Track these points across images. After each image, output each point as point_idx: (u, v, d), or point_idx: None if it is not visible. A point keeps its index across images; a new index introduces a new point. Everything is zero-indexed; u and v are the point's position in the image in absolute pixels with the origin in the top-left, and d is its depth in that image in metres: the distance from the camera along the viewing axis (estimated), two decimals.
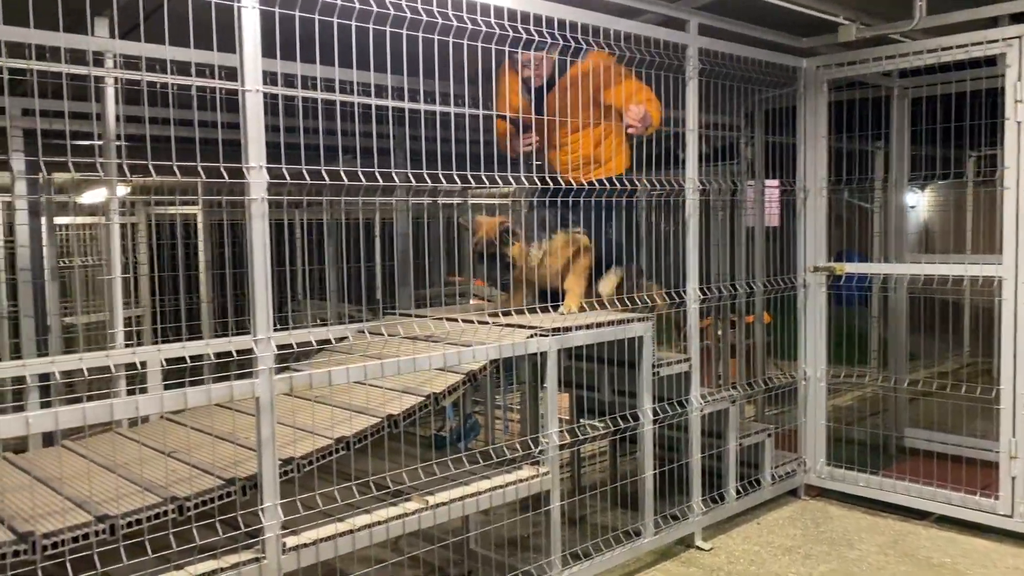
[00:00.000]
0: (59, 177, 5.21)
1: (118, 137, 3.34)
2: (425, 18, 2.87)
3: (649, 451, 3.82)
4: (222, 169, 2.46)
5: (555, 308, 3.75)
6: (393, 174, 3.12)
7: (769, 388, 4.80)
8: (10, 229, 5.32)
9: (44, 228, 4.63)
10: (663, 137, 4.07)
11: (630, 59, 3.61)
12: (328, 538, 2.68)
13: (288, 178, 2.55)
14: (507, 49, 3.18)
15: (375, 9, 2.72)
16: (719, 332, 6.11)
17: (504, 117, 4.04)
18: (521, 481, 3.27)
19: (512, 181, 3.51)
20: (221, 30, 2.45)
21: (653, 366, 3.82)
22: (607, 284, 3.89)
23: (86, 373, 2.31)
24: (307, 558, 2.63)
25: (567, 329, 3.47)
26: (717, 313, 6.06)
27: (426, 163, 2.96)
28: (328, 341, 3.68)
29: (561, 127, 3.90)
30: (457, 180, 3.04)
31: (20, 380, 2.93)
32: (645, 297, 3.85)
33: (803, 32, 4.57)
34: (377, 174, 2.79)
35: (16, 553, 2.10)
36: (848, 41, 4.37)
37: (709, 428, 4.24)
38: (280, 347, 2.67)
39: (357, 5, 2.70)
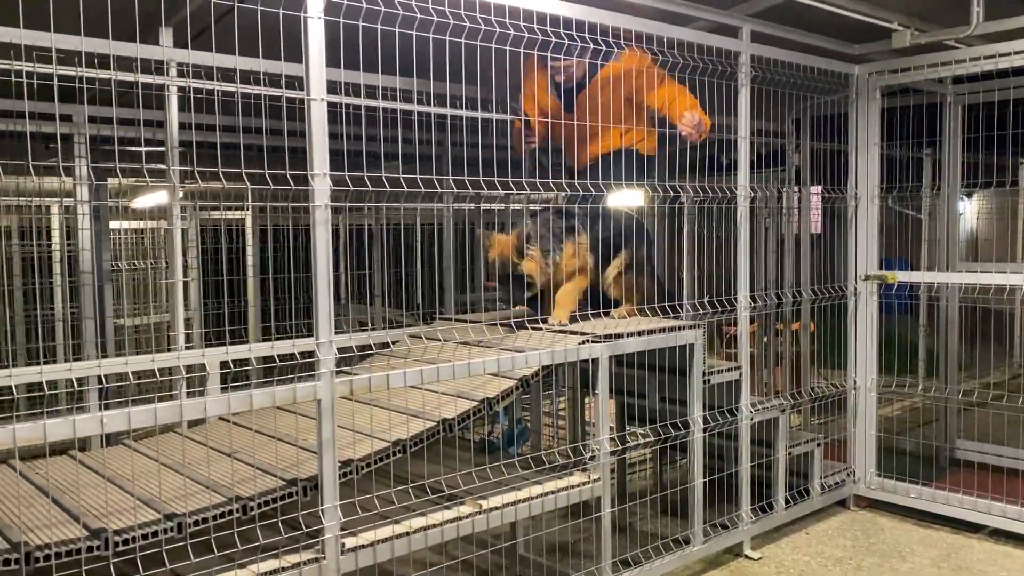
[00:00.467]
0: (114, 182, 5.35)
1: (181, 144, 3.43)
2: (470, 25, 2.90)
3: (699, 459, 3.81)
4: (288, 177, 2.51)
5: (606, 314, 3.77)
6: (440, 179, 3.16)
7: (820, 397, 4.76)
8: (68, 233, 5.46)
9: (96, 232, 4.72)
10: (708, 143, 4.07)
11: (682, 66, 3.61)
12: (385, 540, 2.71)
13: (351, 185, 2.60)
14: (554, 55, 3.20)
15: (418, 16, 2.76)
16: (764, 339, 6.07)
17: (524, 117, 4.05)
18: (572, 487, 3.28)
19: (554, 187, 3.54)
20: (270, 38, 2.49)
21: (704, 373, 3.81)
22: (610, 271, 3.92)
23: (157, 374, 2.37)
24: (365, 559, 2.67)
25: (619, 335, 3.48)
26: (763, 321, 6.03)
27: (473, 169, 2.99)
28: (384, 345, 3.73)
29: (592, 122, 3.82)
30: (499, 187, 3.07)
31: (73, 383, 3.00)
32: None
33: (855, 38, 4.54)
34: (421, 180, 2.83)
35: (90, 549, 2.17)
36: (902, 47, 4.33)
37: (758, 437, 4.21)
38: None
39: (401, 13, 2.74)
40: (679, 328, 3.70)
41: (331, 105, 2.95)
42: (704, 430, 3.81)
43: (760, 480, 4.26)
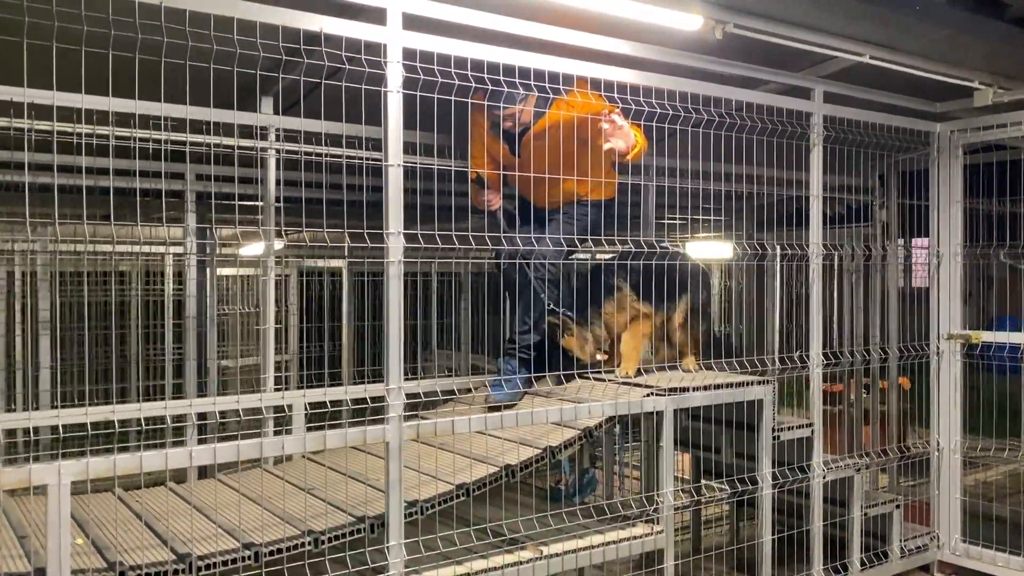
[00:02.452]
0: (224, 232, 5.77)
1: (277, 199, 3.74)
2: (555, 96, 3.09)
3: (768, 515, 3.80)
4: (364, 235, 2.73)
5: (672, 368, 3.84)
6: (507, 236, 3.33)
7: (903, 456, 4.66)
8: (179, 278, 5.90)
9: (203, 279, 5.10)
10: (793, 199, 4.11)
11: (751, 127, 3.70)
12: None
13: (422, 242, 2.80)
14: (638, 123, 3.34)
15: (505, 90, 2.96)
16: (851, 397, 5.96)
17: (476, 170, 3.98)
18: (635, 538, 3.34)
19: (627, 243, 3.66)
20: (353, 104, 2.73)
21: (773, 429, 3.82)
22: (675, 318, 3.99)
23: (241, 414, 2.60)
24: None
25: (684, 389, 3.54)
26: (849, 378, 5.93)
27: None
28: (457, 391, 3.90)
29: (543, 165, 3.67)
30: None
31: (181, 418, 3.29)
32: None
33: (935, 96, 4.52)
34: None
35: (176, 572, 2.39)
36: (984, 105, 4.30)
37: (832, 495, 4.16)
38: (410, 395, 2.91)
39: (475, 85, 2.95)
40: (747, 383, 3.73)
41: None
42: (773, 486, 3.80)
43: (835, 540, 4.19)
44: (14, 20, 2.17)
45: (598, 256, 4.26)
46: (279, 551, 2.59)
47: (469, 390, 3.97)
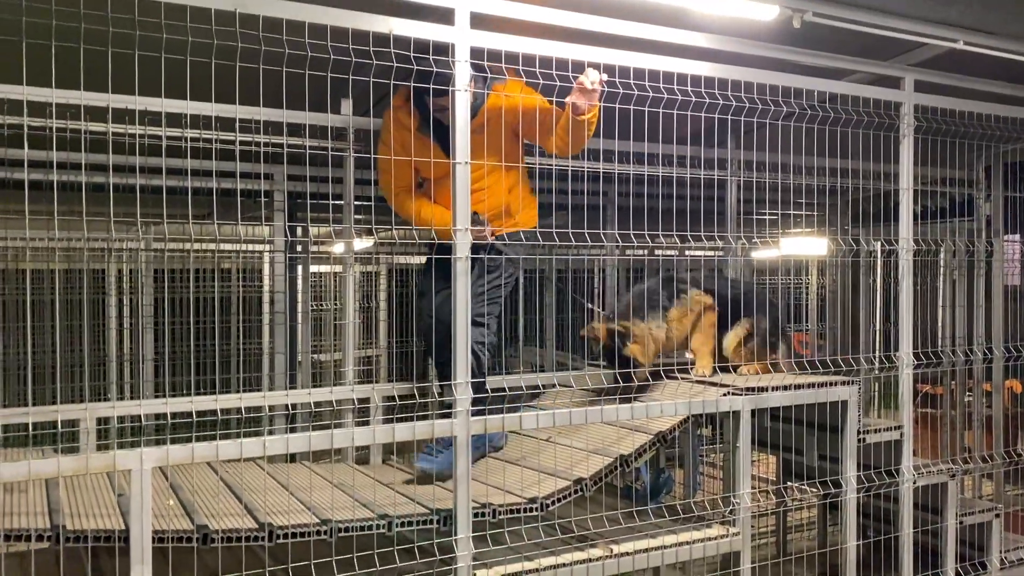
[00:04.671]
0: (315, 231, 5.96)
1: (356, 198, 3.85)
2: (628, 91, 3.06)
3: (852, 520, 3.67)
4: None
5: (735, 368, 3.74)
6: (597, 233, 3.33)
7: (1010, 462, 4.42)
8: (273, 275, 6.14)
9: (293, 275, 5.28)
10: (888, 193, 3.95)
11: (835, 119, 3.58)
12: (515, 574, 2.87)
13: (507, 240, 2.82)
14: (714, 116, 3.27)
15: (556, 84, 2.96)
16: (953, 399, 5.69)
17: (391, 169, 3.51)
18: (710, 539, 3.29)
19: (719, 240, 3.60)
20: None
21: (858, 432, 3.68)
22: (731, 339, 3.81)
23: (312, 406, 2.69)
24: None
25: (762, 389, 3.46)
26: (950, 379, 5.66)
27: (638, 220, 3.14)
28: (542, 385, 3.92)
29: (473, 170, 3.18)
30: (661, 238, 3.19)
31: (268, 409, 3.43)
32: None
33: None
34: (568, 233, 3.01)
35: (257, 538, 2.52)
36: None
37: (925, 502, 3.99)
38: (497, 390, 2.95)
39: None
40: (830, 384, 3.61)
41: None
42: (859, 490, 3.67)
43: (927, 548, 4.01)
44: (121, 33, 2.30)
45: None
46: (349, 530, 2.67)
47: (553, 385, 3.98)
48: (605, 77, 3.06)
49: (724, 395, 3.39)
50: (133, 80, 2.35)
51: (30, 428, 2.23)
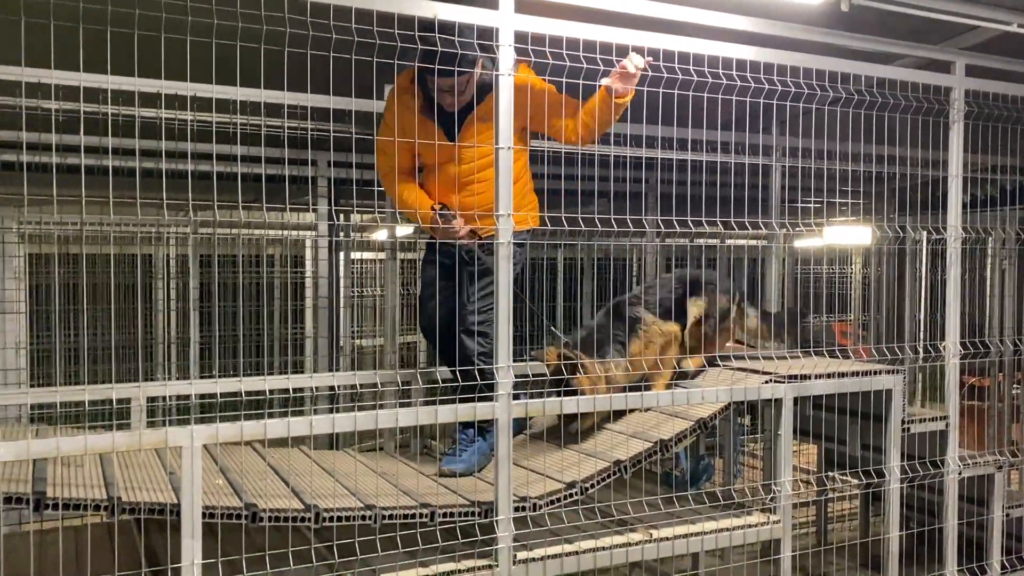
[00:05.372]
0: (357, 218, 6.02)
1: None
2: (669, 75, 3.05)
3: (895, 511, 3.63)
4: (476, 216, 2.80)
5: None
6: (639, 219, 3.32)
7: None
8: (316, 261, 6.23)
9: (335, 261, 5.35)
10: (938, 180, 3.88)
11: (882, 104, 3.52)
12: (555, 556, 2.89)
13: (549, 225, 2.84)
14: (758, 101, 3.25)
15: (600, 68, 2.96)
16: (1000, 391, 5.58)
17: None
18: (749, 526, 3.28)
19: (753, 227, 3.57)
20: None
21: (903, 421, 3.64)
22: (690, 314, 3.62)
23: (358, 387, 2.73)
24: (535, 572, 2.86)
25: (805, 376, 3.43)
26: (997, 370, 5.55)
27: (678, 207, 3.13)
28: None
29: (473, 160, 3.17)
30: (705, 225, 3.18)
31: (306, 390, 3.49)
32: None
33: None
34: (612, 219, 3.01)
35: (304, 519, 2.57)
36: None
37: (971, 493, 3.93)
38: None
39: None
40: (874, 372, 3.57)
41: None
42: (902, 481, 3.63)
43: (972, 541, 3.96)
44: (172, 19, 2.35)
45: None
46: (393, 517, 2.71)
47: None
48: (650, 60, 3.01)
49: (766, 382, 3.37)
50: (184, 66, 2.40)
51: (86, 405, 2.31)
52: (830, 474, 4.11)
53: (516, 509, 2.80)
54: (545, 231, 3.61)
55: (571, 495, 2.95)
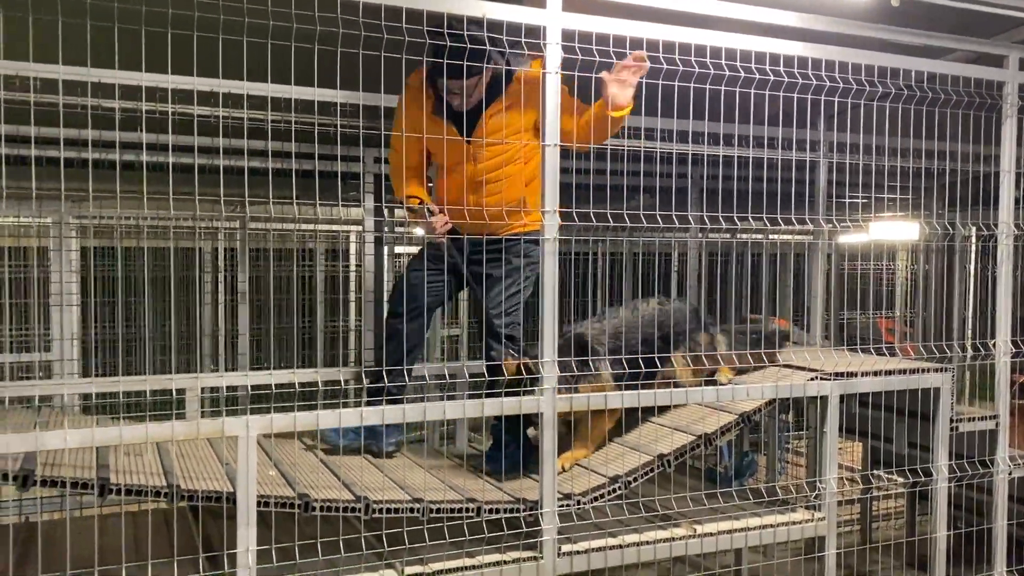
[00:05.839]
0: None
1: None
2: (716, 72, 3.05)
3: (943, 510, 3.60)
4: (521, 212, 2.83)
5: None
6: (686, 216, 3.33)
7: None
8: (359, 255, 6.31)
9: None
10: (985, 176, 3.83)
11: (936, 99, 3.48)
12: (598, 549, 2.92)
13: (576, 220, 2.86)
14: (805, 97, 3.23)
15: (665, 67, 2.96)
16: None
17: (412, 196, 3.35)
18: (794, 523, 3.28)
19: (799, 223, 3.55)
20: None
21: (951, 420, 3.60)
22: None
23: (407, 379, 2.78)
24: (579, 564, 2.89)
25: (852, 374, 3.41)
26: None
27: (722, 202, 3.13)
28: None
29: (487, 160, 3.11)
30: (751, 221, 3.18)
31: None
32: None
33: None
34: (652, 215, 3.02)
35: (353, 509, 2.64)
36: None
37: (1021, 494, 3.88)
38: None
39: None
40: (922, 370, 3.54)
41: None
42: (950, 480, 3.59)
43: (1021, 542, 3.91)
44: (233, 20, 2.42)
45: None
46: (440, 511, 2.76)
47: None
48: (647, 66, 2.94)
49: (812, 380, 3.36)
50: (241, 66, 2.47)
51: (147, 395, 2.39)
52: (875, 472, 4.07)
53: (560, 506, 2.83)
54: (587, 227, 3.63)
55: (614, 489, 2.98)
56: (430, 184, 3.64)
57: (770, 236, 6.62)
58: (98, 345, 5.70)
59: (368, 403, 2.63)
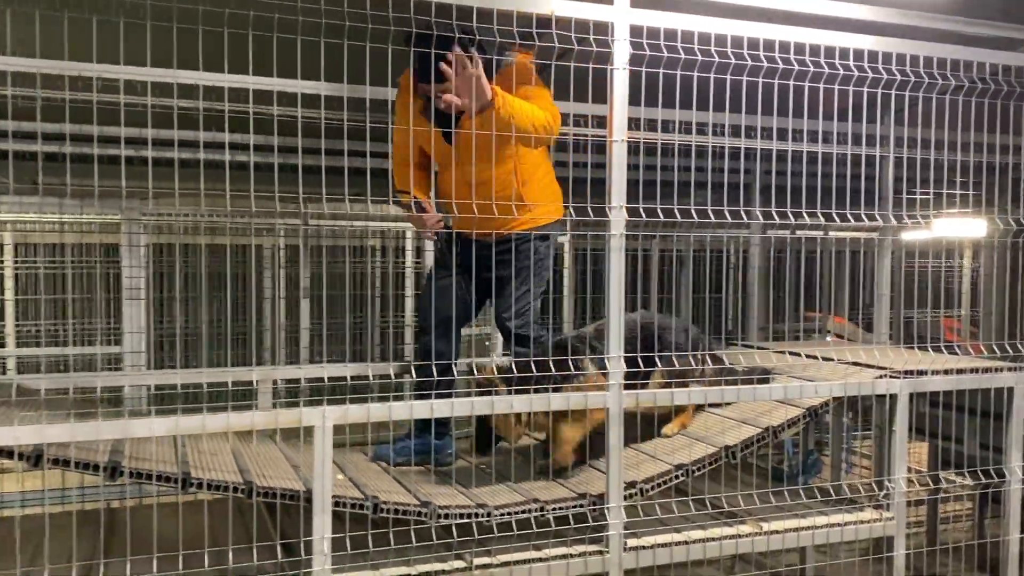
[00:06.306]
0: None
1: None
2: (788, 67, 3.03)
3: (1015, 513, 3.52)
4: (589, 209, 2.85)
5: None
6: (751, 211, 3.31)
7: None
8: (418, 252, 6.39)
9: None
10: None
11: (1011, 92, 3.40)
12: (664, 545, 2.92)
13: (644, 216, 2.86)
14: (875, 91, 3.19)
15: (734, 62, 2.95)
16: None
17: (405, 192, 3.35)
18: (862, 522, 3.24)
19: (867, 219, 3.50)
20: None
21: None
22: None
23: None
24: (645, 560, 2.90)
25: (921, 372, 3.36)
26: None
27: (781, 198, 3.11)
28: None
29: (477, 161, 2.98)
30: (806, 217, 3.15)
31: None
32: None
33: None
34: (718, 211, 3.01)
35: (419, 513, 2.68)
36: None
37: None
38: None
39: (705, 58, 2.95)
40: (995, 369, 3.46)
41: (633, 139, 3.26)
42: (1023, 482, 3.51)
43: None
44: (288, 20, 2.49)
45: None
46: (508, 513, 2.78)
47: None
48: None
49: (880, 377, 3.31)
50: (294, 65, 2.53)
51: (229, 386, 2.46)
52: (947, 474, 3.99)
53: (627, 496, 2.84)
54: (646, 222, 3.63)
55: (678, 476, 2.98)
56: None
57: (829, 232, 6.52)
58: (163, 339, 5.86)
59: (439, 396, 2.66)
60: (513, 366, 2.84)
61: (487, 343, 5.26)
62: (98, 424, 2.21)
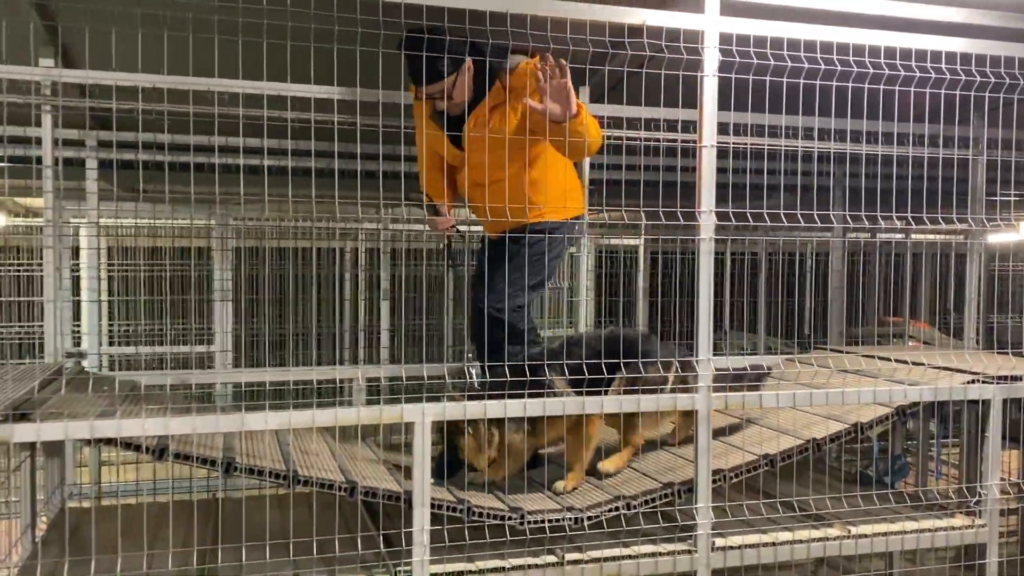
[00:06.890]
0: None
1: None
2: (878, 72, 3.02)
3: None
4: (678, 213, 2.90)
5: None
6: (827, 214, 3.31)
7: None
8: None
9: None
10: None
11: None
12: (752, 545, 2.95)
13: (733, 220, 2.90)
14: (968, 94, 3.16)
15: (823, 67, 2.97)
16: None
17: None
18: (953, 528, 3.20)
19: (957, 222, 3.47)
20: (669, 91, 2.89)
21: None
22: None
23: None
24: (732, 560, 2.92)
25: (1016, 378, 3.31)
26: None
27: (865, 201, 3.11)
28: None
29: (476, 166, 3.07)
30: (896, 220, 3.14)
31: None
32: None
33: None
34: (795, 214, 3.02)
35: (511, 518, 2.75)
36: None
37: None
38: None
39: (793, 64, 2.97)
40: None
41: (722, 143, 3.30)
42: None
43: None
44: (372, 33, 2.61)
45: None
46: (596, 516, 2.83)
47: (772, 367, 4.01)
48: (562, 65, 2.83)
49: (970, 382, 3.27)
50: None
51: (314, 383, 2.57)
52: None
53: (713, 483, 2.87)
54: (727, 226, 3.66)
55: (765, 464, 3.00)
56: None
57: (912, 236, 6.41)
58: (255, 338, 6.09)
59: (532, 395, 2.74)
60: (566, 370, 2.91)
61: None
62: (217, 417, 2.36)
